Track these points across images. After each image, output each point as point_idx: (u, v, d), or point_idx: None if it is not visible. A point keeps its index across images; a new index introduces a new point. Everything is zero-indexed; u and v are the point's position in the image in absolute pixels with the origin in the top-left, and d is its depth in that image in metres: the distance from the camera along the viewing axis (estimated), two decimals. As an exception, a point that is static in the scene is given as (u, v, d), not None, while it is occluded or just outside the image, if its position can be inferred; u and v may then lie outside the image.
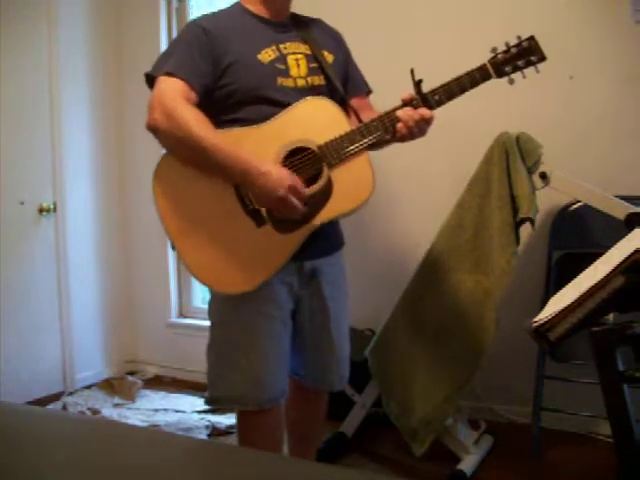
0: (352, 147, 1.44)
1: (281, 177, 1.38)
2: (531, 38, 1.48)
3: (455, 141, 2.37)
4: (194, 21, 1.55)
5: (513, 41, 1.50)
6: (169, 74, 1.43)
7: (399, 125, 1.45)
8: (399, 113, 1.46)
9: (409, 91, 1.49)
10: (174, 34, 3.22)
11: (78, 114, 3.08)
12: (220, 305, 1.57)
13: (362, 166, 1.45)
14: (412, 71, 1.46)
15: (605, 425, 2.12)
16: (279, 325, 1.55)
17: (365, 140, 1.45)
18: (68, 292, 3.00)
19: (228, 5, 1.63)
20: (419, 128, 1.46)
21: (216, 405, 1.61)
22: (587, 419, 2.22)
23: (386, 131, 1.47)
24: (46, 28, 2.89)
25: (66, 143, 2.99)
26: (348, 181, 1.44)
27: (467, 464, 2.05)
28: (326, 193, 1.44)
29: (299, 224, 1.44)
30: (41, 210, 2.88)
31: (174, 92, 1.41)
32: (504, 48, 1.49)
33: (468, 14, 2.46)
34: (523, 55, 1.48)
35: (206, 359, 1.59)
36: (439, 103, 1.47)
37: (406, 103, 1.47)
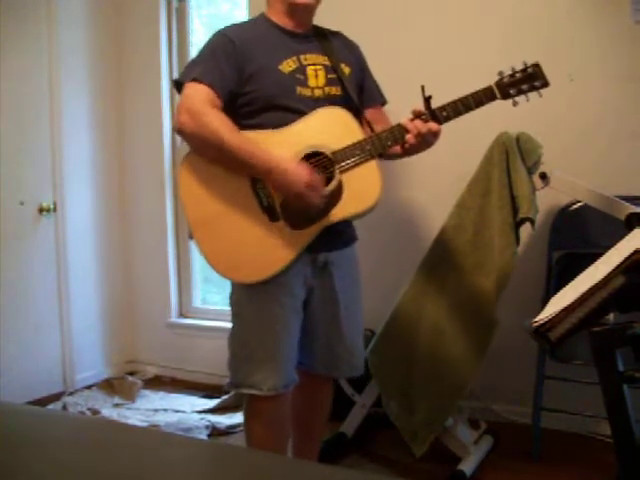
0: (363, 154, 1.54)
1: (300, 175, 1.49)
2: (536, 65, 1.58)
3: (455, 141, 2.36)
4: (221, 31, 1.63)
5: (518, 63, 1.57)
6: (196, 80, 1.52)
7: (408, 136, 1.55)
8: (408, 125, 1.55)
9: (413, 102, 1.57)
10: (174, 34, 3.23)
11: (78, 114, 3.08)
12: (239, 295, 1.66)
13: (371, 172, 1.55)
14: (423, 88, 1.54)
15: (605, 425, 2.12)
16: (292, 313, 1.63)
17: (375, 148, 1.54)
18: (68, 292, 3.00)
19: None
20: (426, 140, 1.56)
21: (236, 389, 1.68)
22: (587, 419, 2.22)
23: (396, 141, 1.56)
24: (46, 28, 2.89)
25: (66, 143, 2.99)
26: (358, 185, 1.55)
27: (467, 464, 2.05)
28: (337, 195, 1.54)
29: (310, 222, 1.54)
30: (41, 210, 2.88)
31: (200, 97, 1.50)
32: (509, 72, 1.57)
33: (469, 14, 2.45)
34: (527, 80, 1.58)
35: (228, 345, 1.68)
36: (447, 119, 1.57)
37: (416, 116, 1.56)
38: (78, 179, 3.07)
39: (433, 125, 1.54)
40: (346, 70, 1.68)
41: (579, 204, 2.15)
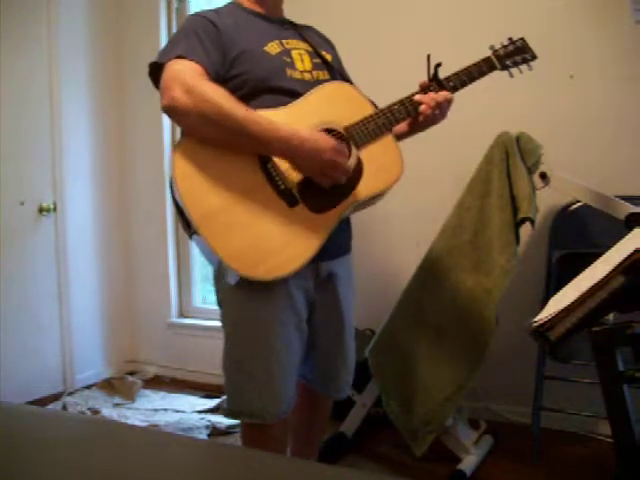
0: (377, 129, 1.45)
1: (325, 140, 1.36)
2: (521, 39, 1.58)
3: (455, 141, 2.37)
4: (198, 14, 1.49)
5: (506, 40, 1.59)
6: (181, 57, 1.36)
7: (422, 107, 1.48)
8: (422, 97, 1.49)
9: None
10: (174, 34, 3.23)
11: (78, 114, 3.09)
12: (235, 313, 1.50)
13: (389, 146, 1.47)
14: (428, 57, 1.50)
15: (605, 425, 2.12)
16: (296, 333, 1.50)
17: (389, 121, 1.47)
18: (68, 292, 3.00)
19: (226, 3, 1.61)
20: (441, 110, 1.50)
21: (235, 418, 1.55)
22: (587, 419, 2.22)
23: (408, 114, 1.50)
24: (46, 28, 2.89)
25: (66, 143, 2.99)
26: (378, 160, 1.45)
27: (467, 464, 2.05)
28: (357, 172, 1.43)
29: (334, 202, 1.41)
30: (41, 210, 2.88)
31: (191, 70, 1.34)
32: (500, 46, 1.57)
33: (468, 14, 2.46)
34: (518, 52, 1.57)
35: (223, 369, 1.52)
36: (454, 89, 1.52)
37: (424, 88, 1.51)
38: (78, 179, 3.07)
39: (447, 93, 1.49)
40: (328, 57, 1.60)
41: (579, 204, 2.15)
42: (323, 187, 1.40)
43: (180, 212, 1.37)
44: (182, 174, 1.34)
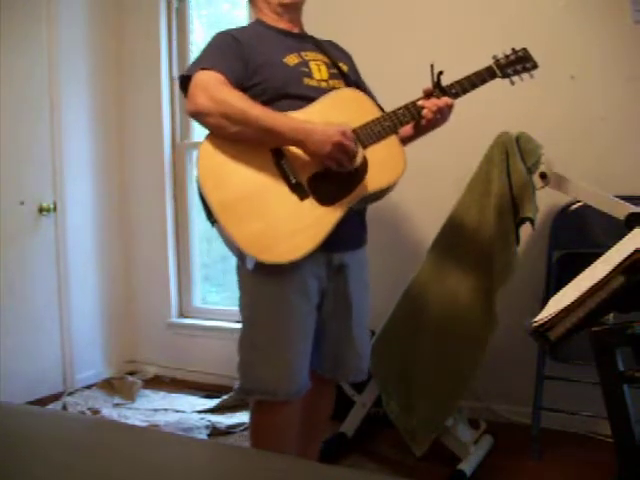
0: (383, 130, 1.57)
1: (331, 127, 1.49)
2: (523, 49, 1.66)
3: (455, 141, 2.37)
4: (222, 31, 1.66)
5: (509, 50, 1.66)
6: (205, 69, 1.53)
7: (425, 111, 1.58)
8: (425, 103, 1.58)
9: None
10: (174, 34, 3.23)
11: (78, 114, 3.08)
12: (252, 299, 1.62)
13: (393, 146, 1.58)
14: (432, 66, 1.59)
15: (605, 425, 2.11)
16: (309, 318, 1.61)
17: (394, 124, 1.57)
18: (68, 292, 3.00)
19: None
20: (442, 114, 1.60)
21: (247, 396, 1.65)
22: (587, 419, 2.22)
23: (412, 118, 1.60)
24: (46, 28, 2.89)
25: (66, 143, 2.99)
26: (382, 159, 1.56)
27: (467, 464, 2.05)
28: (363, 170, 1.55)
29: (340, 196, 1.53)
30: (41, 210, 2.88)
31: (215, 79, 1.50)
32: (502, 55, 1.65)
33: (472, 14, 2.46)
34: (520, 61, 1.66)
35: (238, 350, 1.63)
36: (456, 95, 1.61)
37: (427, 94, 1.60)
38: (78, 179, 3.07)
39: (448, 99, 1.58)
40: (344, 67, 1.73)
41: (579, 204, 2.15)
42: (332, 174, 1.51)
43: (203, 202, 1.51)
44: (205, 169, 1.51)
